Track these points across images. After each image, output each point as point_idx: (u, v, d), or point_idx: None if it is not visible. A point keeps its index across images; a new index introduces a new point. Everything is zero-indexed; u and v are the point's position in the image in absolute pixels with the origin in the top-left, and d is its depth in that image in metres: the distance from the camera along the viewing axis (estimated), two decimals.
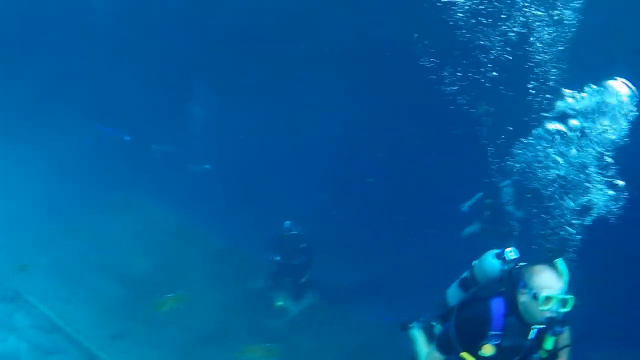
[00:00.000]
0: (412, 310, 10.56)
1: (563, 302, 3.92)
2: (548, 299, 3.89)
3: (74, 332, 9.64)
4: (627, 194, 6.06)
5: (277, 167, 13.33)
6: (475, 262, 4.75)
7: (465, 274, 4.83)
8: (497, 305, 4.13)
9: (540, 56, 7.63)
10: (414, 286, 11.29)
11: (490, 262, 4.56)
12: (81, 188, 13.62)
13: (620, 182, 6.77)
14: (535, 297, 3.93)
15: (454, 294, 4.87)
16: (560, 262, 4.07)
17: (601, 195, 6.10)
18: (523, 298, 4.04)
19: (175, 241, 12.31)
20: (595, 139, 6.15)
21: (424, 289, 11.08)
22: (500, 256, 4.52)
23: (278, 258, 10.62)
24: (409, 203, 12.52)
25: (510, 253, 4.47)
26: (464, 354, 4.22)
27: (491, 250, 4.66)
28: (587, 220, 6.06)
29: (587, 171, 6.21)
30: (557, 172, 7.19)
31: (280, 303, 10.72)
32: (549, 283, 3.94)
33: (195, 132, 13.98)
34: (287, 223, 10.72)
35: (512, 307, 4.09)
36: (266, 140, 14.03)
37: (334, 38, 13.09)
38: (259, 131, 13.86)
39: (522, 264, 4.35)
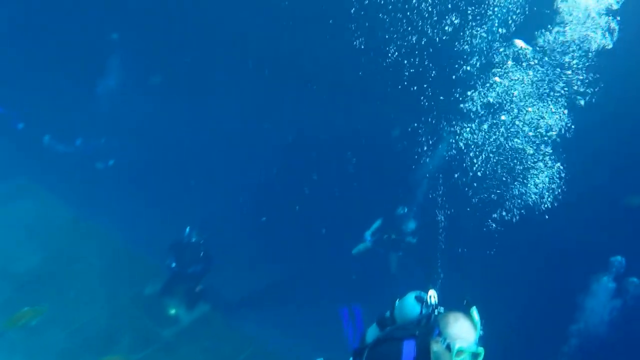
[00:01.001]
0: (301, 322, 10.93)
1: (475, 356, 3.95)
2: (460, 351, 3.92)
3: None
4: None
5: (185, 170, 13.07)
6: (397, 302, 4.76)
7: (387, 313, 4.83)
8: (408, 348, 4.12)
9: None
10: (306, 296, 11.66)
11: (410, 304, 4.58)
12: None
13: None
14: (448, 347, 3.95)
15: (372, 332, 4.88)
16: (474, 312, 4.11)
17: None
18: (436, 347, 4.05)
19: (69, 237, 11.82)
20: None
21: (316, 298, 11.55)
22: (420, 299, 4.55)
23: (174, 265, 10.45)
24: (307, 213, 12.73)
25: (432, 297, 4.50)
26: None
27: (413, 292, 4.69)
28: None
29: None
30: None
31: (172, 311, 10.59)
32: (463, 334, 3.96)
33: (101, 126, 13.45)
34: (187, 229, 10.57)
35: (423, 353, 4.09)
36: (178, 141, 13.76)
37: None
38: (172, 130, 13.56)
39: (440, 309, 4.42)
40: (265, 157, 13.30)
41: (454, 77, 10.01)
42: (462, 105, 9.63)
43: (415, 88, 10.49)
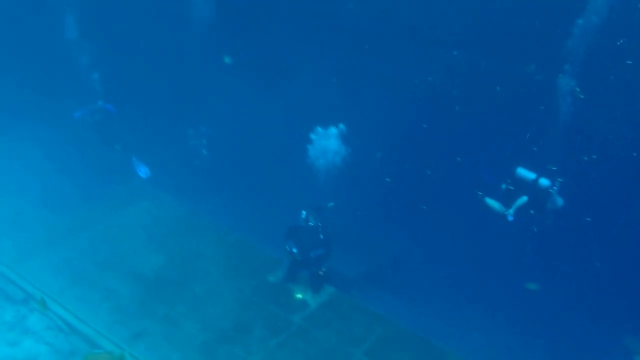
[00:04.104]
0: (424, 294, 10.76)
1: None
2: None
3: (92, 333, 9.41)
4: None
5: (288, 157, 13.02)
6: None
7: None
8: None
9: None
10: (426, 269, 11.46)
11: None
12: (82, 181, 13.34)
13: None
14: None
15: None
16: None
17: None
18: None
19: (185, 235, 12.04)
20: None
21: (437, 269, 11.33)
22: None
23: (295, 250, 10.41)
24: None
25: None
26: None
27: None
28: None
29: None
30: None
31: (299, 296, 10.58)
32: None
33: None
34: (304, 213, 10.49)
35: None
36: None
37: None
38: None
39: None
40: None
41: None
42: None
43: None
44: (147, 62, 14.46)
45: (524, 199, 10.16)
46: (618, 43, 10.37)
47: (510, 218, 10.17)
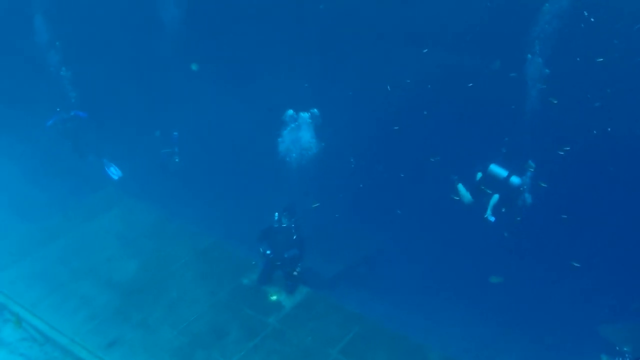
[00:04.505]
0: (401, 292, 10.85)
1: None
2: None
3: (67, 342, 9.41)
4: None
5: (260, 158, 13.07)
6: None
7: None
8: None
9: None
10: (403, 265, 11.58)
11: None
12: (55, 190, 13.30)
13: None
14: None
15: None
16: None
17: None
18: None
19: (159, 240, 12.06)
20: None
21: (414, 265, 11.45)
22: None
23: (269, 252, 10.48)
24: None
25: None
26: None
27: None
28: None
29: None
30: None
31: (274, 297, 10.65)
32: None
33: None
34: (276, 215, 10.55)
35: None
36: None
37: None
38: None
39: None
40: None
41: None
42: None
43: None
44: (117, 66, 14.40)
45: (495, 197, 10.33)
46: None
47: (492, 219, 10.32)
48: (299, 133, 11.56)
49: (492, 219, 10.32)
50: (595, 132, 10.73)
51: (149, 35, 14.21)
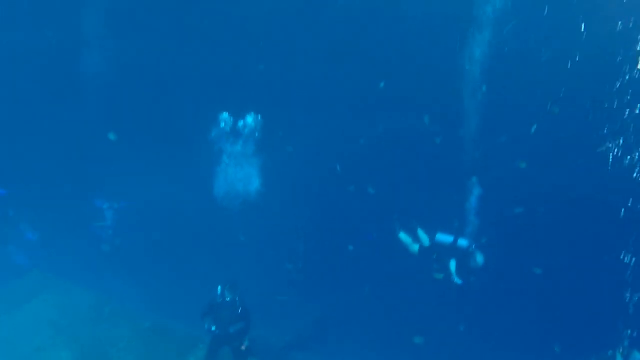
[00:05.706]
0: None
1: None
2: None
3: None
4: None
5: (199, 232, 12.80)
6: None
7: None
8: None
9: None
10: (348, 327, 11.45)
11: None
12: None
13: None
14: None
15: None
16: None
17: None
18: None
19: (97, 324, 11.36)
20: None
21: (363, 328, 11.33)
22: None
23: (214, 328, 10.05)
24: None
25: None
26: None
27: None
28: None
29: None
30: None
31: None
32: None
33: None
34: (219, 289, 10.19)
35: None
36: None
37: None
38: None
39: None
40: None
41: None
42: None
43: None
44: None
45: (453, 262, 10.49)
46: None
47: (459, 282, 10.42)
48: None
49: (460, 281, 10.46)
50: None
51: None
